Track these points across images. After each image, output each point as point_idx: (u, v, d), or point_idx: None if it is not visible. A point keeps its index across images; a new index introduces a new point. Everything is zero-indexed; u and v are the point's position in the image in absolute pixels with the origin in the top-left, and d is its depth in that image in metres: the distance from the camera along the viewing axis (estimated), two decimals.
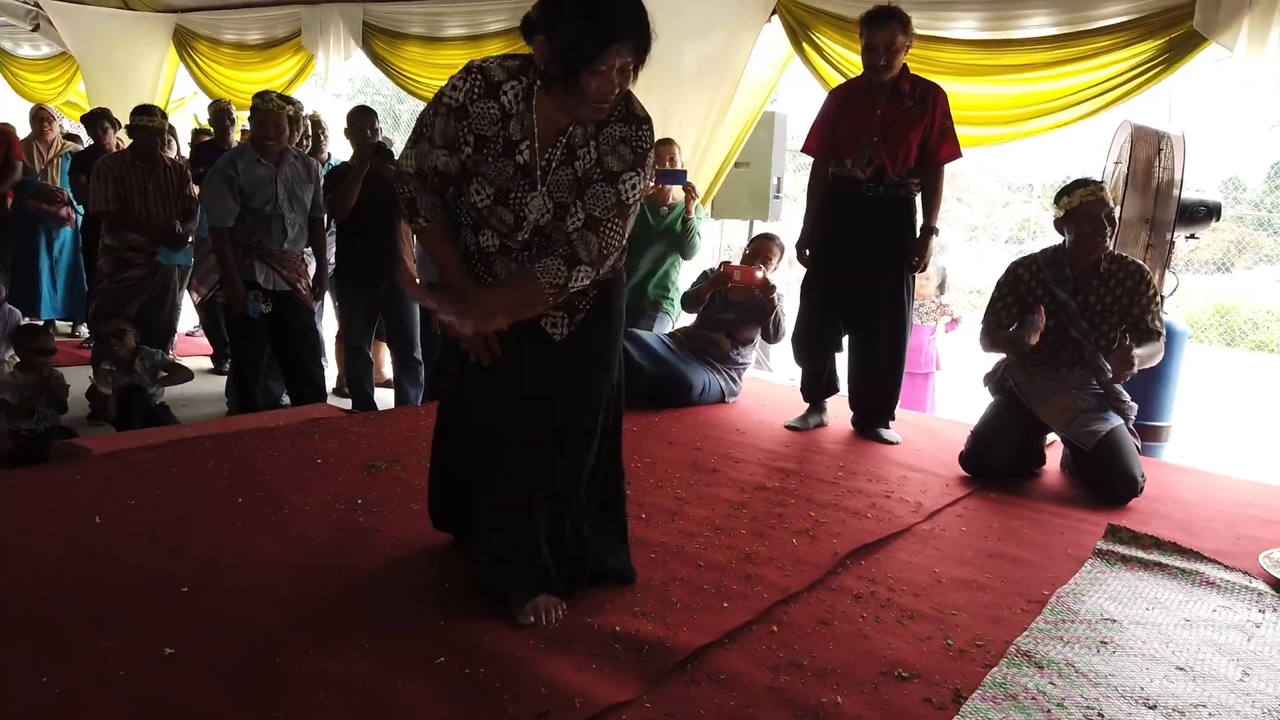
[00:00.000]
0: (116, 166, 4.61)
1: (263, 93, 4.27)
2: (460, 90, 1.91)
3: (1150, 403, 3.88)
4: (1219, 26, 3.94)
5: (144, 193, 4.64)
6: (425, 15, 6.32)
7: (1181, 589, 2.42)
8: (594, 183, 1.95)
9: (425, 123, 1.97)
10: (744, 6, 5.23)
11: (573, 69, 1.81)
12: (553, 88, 1.87)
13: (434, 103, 1.95)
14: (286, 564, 2.17)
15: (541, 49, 1.84)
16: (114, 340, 4.28)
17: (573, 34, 1.80)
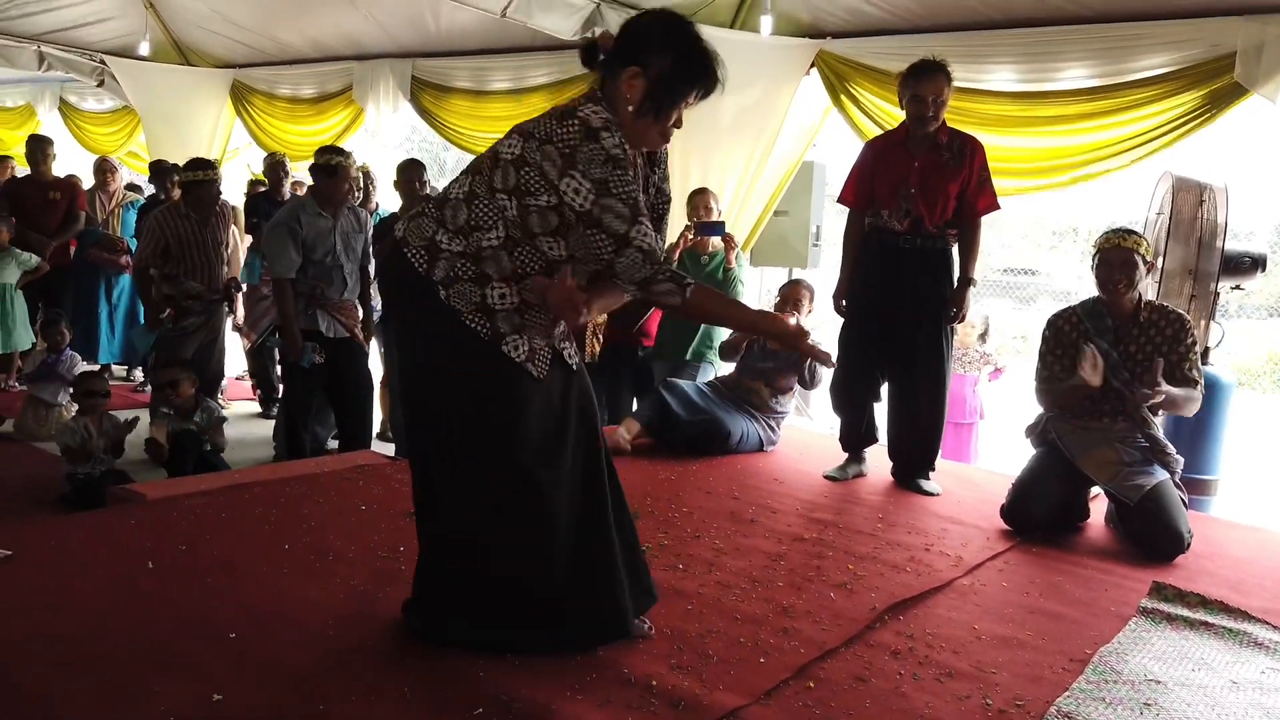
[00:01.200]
0: (169, 220, 4.69)
1: (330, 148, 4.40)
2: (619, 145, 1.90)
3: (1197, 455, 3.82)
4: (1260, 78, 3.93)
5: (198, 244, 4.78)
6: (471, 69, 6.50)
7: (1229, 649, 2.38)
8: (664, 214, 2.19)
9: (629, 194, 1.90)
10: (784, 60, 5.32)
11: (666, 101, 1.94)
12: (635, 119, 1.95)
13: (615, 167, 1.88)
14: (331, 611, 2.22)
15: (634, 80, 1.93)
16: (169, 390, 4.41)
17: (678, 75, 1.93)
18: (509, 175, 1.93)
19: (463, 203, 1.97)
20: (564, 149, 1.88)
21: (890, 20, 4.99)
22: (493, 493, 2.02)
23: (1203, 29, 4.12)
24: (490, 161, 1.98)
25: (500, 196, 1.94)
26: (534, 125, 1.95)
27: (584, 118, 1.88)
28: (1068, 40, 4.46)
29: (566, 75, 6.00)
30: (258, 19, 7.27)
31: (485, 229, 1.95)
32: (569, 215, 1.91)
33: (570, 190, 1.88)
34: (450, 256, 1.96)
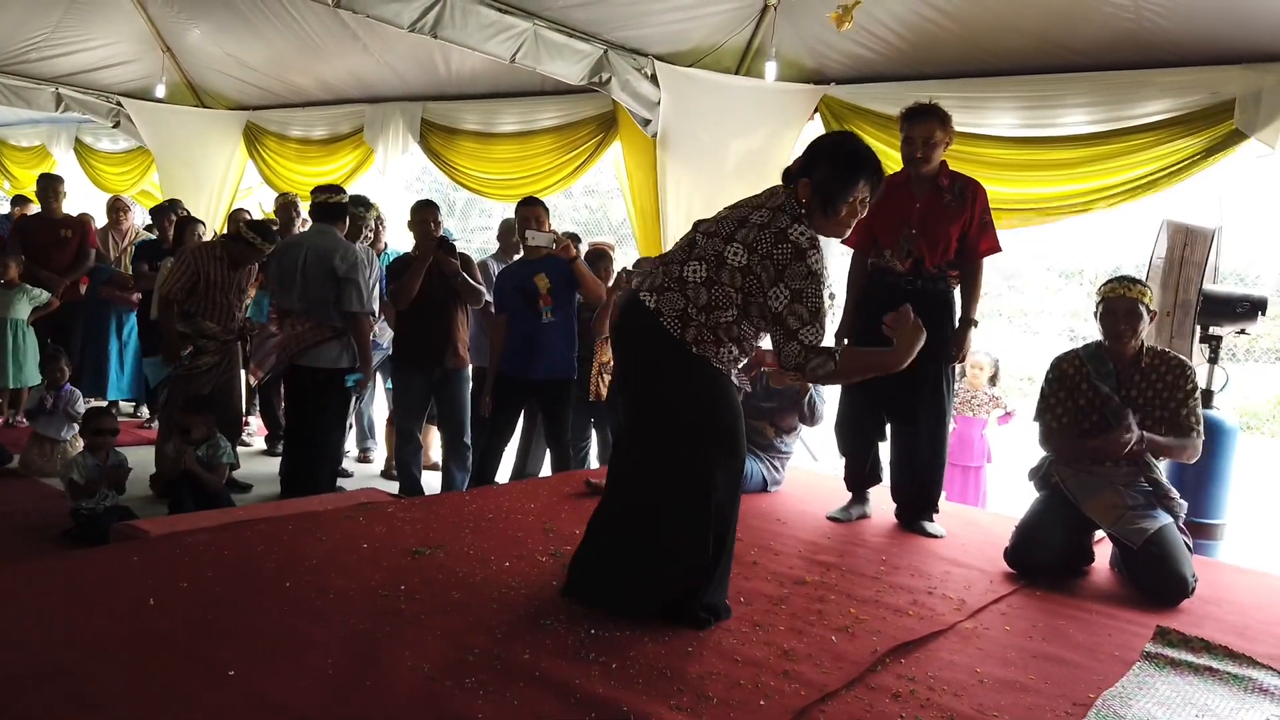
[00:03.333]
0: (203, 258, 4.74)
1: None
2: (819, 261, 2.45)
3: (1202, 499, 3.81)
4: (1259, 124, 3.99)
5: (223, 287, 4.82)
6: (479, 112, 6.61)
7: (1233, 695, 2.36)
8: None
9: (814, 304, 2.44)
10: (789, 105, 5.41)
11: (833, 201, 2.49)
12: (815, 217, 2.50)
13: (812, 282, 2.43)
14: (330, 650, 2.22)
15: (805, 189, 2.50)
16: (185, 435, 4.42)
17: (836, 175, 2.49)
18: (736, 278, 2.46)
19: (702, 287, 2.50)
20: (778, 265, 2.42)
21: (891, 67, 5.08)
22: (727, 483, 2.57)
23: (1202, 77, 4.19)
24: (715, 259, 2.49)
25: (729, 289, 2.48)
26: (756, 240, 2.44)
27: (795, 240, 2.42)
28: (1068, 87, 4.54)
29: (573, 119, 6.10)
30: (271, 62, 7.42)
31: (722, 309, 2.50)
32: (768, 314, 2.48)
33: (774, 296, 2.44)
34: (698, 326, 2.51)
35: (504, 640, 2.35)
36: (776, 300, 2.43)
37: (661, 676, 2.21)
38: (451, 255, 4.76)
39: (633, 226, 6.01)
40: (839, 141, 2.61)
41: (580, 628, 2.47)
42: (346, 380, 4.53)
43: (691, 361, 2.52)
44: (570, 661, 2.26)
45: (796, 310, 2.42)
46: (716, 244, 2.50)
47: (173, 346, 4.74)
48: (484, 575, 2.82)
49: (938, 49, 4.84)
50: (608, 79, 5.36)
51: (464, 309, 4.95)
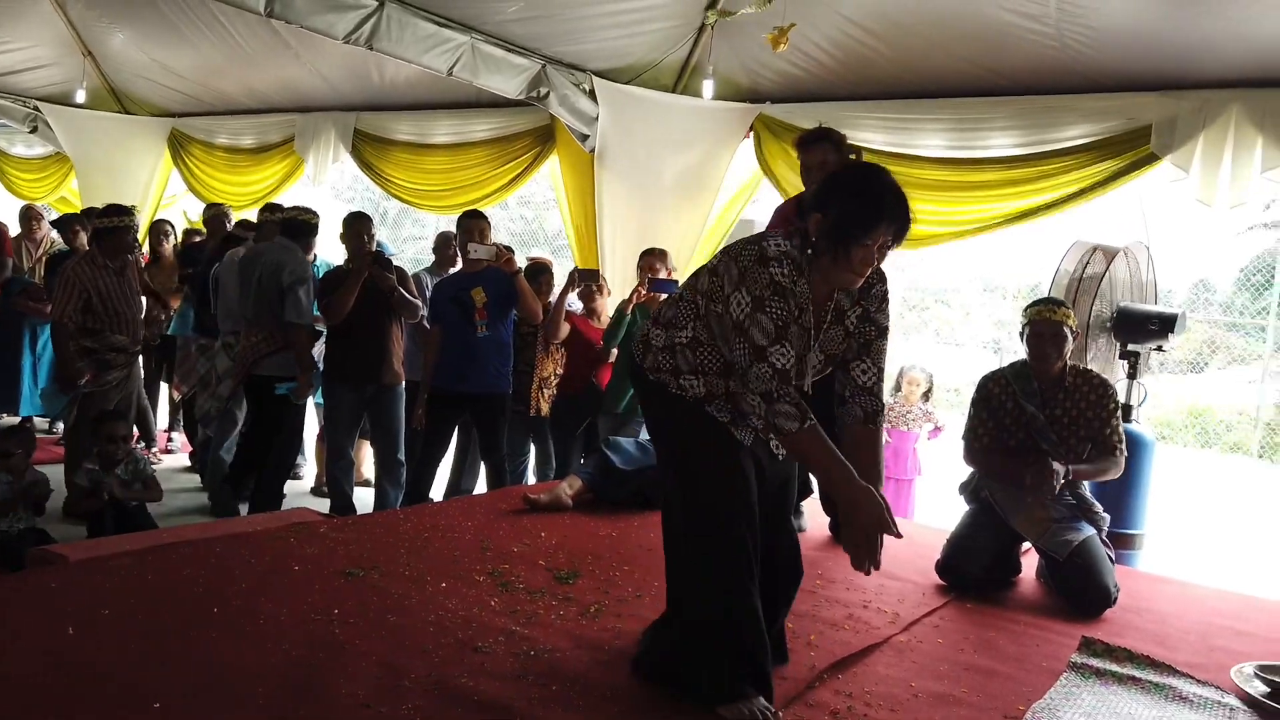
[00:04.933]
0: (86, 271, 4.57)
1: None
2: (785, 275, 2.12)
3: (1122, 511, 3.94)
4: (1174, 148, 4.16)
5: (120, 295, 4.68)
6: (413, 123, 6.54)
7: (1155, 704, 2.44)
8: (873, 340, 2.32)
9: (780, 318, 2.09)
10: (725, 122, 5.47)
11: (844, 242, 2.12)
12: (822, 258, 2.16)
13: (775, 293, 2.09)
14: (261, 678, 2.15)
15: (817, 225, 2.16)
16: (111, 445, 4.23)
17: (854, 214, 2.12)
18: (703, 279, 2.24)
19: (672, 302, 2.32)
20: (741, 265, 2.14)
21: (825, 88, 5.17)
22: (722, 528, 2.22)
23: (1121, 103, 4.36)
24: (702, 269, 2.29)
25: (699, 297, 2.24)
26: (735, 244, 2.23)
27: (763, 247, 2.15)
28: (995, 110, 4.67)
29: (509, 131, 6.08)
30: (198, 69, 7.24)
31: (679, 327, 2.26)
32: (728, 324, 2.15)
33: (735, 302, 2.13)
34: (655, 350, 2.30)
35: (441, 664, 2.31)
36: (738, 306, 2.11)
37: (603, 698, 2.20)
38: (387, 270, 4.70)
39: (569, 239, 6.01)
40: (863, 175, 2.25)
41: (519, 650, 2.44)
42: (277, 389, 4.56)
43: (650, 389, 2.33)
44: (510, 684, 2.24)
45: (761, 322, 2.08)
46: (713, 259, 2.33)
47: (70, 373, 4.56)
48: (419, 597, 2.77)
49: (870, 71, 4.94)
50: (546, 94, 5.36)
51: (399, 323, 4.88)
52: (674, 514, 2.33)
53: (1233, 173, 4.03)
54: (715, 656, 2.17)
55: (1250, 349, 13.27)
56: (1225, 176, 4.04)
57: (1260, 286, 15.19)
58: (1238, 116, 4.02)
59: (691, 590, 2.25)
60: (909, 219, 2.15)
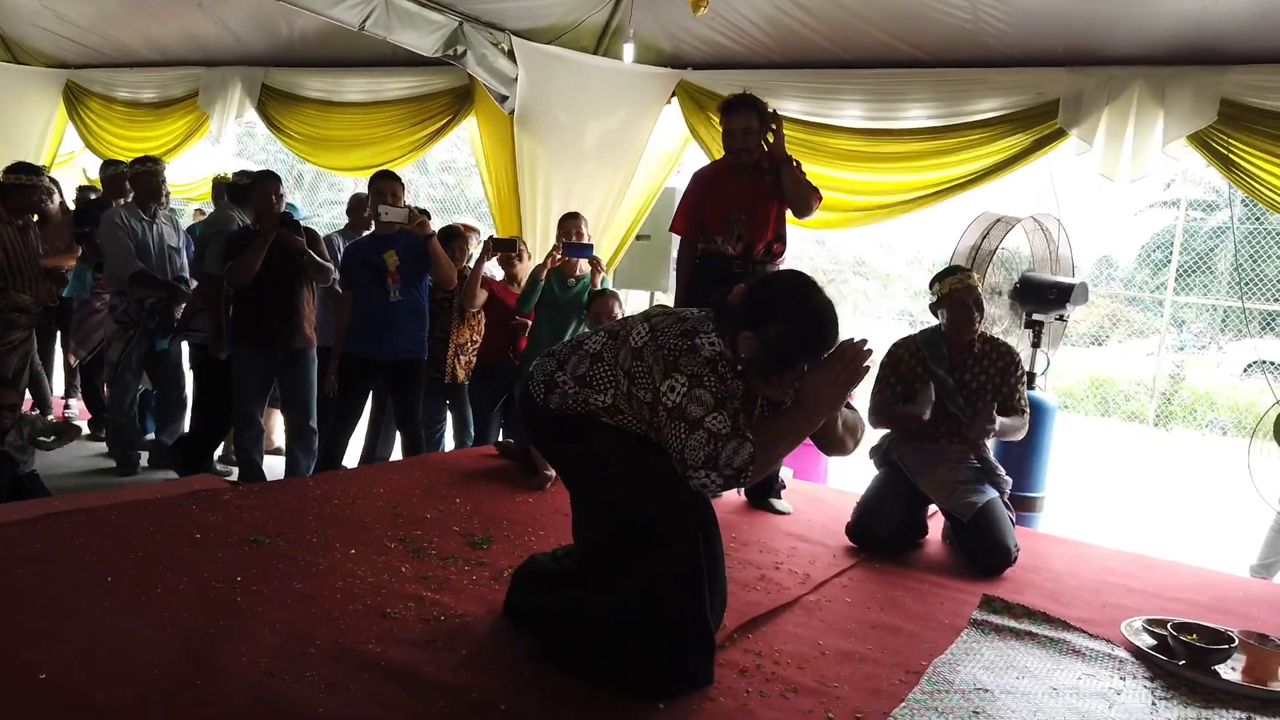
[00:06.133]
0: None
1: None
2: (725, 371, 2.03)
3: (1024, 475, 4.08)
4: (1079, 122, 4.27)
5: (25, 254, 4.49)
6: (324, 80, 6.33)
7: (1050, 657, 2.53)
8: None
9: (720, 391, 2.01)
10: (646, 88, 5.42)
11: (781, 368, 2.05)
12: (750, 372, 2.07)
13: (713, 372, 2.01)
14: (156, 647, 2.08)
15: (748, 345, 2.05)
16: (7, 412, 4.03)
17: (790, 343, 2.05)
18: (627, 358, 2.10)
19: (588, 358, 2.18)
20: (669, 357, 2.03)
21: (747, 55, 5.16)
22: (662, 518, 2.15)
23: (1031, 77, 4.45)
24: (624, 336, 2.15)
25: (619, 370, 2.12)
26: (667, 326, 2.09)
27: (696, 344, 2.03)
28: (912, 82, 4.73)
29: (425, 91, 5.93)
30: (96, 19, 6.86)
31: (598, 390, 2.16)
32: (661, 415, 2.02)
33: (668, 390, 2.01)
34: (562, 395, 2.19)
35: (348, 631, 2.27)
36: (672, 393, 1.99)
37: (510, 661, 2.18)
38: (296, 233, 4.55)
39: (490, 205, 5.90)
40: (802, 299, 2.09)
41: (429, 615, 2.41)
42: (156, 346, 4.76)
43: (559, 422, 2.22)
44: (418, 650, 2.20)
45: (698, 397, 1.97)
46: (631, 320, 2.20)
47: None
48: (327, 564, 2.71)
49: (791, 39, 4.95)
50: (463, 53, 5.23)
51: (310, 287, 4.74)
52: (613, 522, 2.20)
53: (1134, 147, 4.16)
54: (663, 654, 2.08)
55: (1149, 323, 13.86)
56: (1128, 151, 4.18)
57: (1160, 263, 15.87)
58: (1140, 93, 4.15)
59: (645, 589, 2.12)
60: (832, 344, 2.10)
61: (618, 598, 2.13)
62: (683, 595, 2.13)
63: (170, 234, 5.05)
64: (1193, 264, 14.98)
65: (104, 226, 4.85)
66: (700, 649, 2.15)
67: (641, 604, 2.11)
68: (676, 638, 2.11)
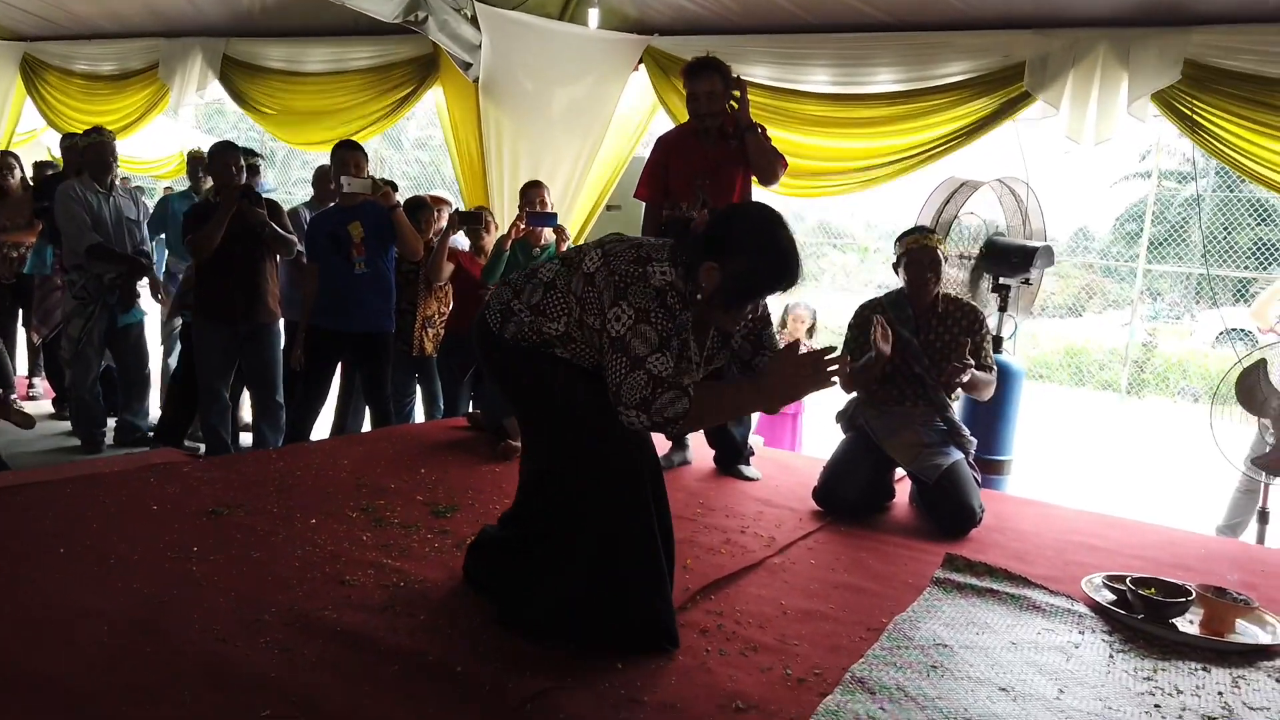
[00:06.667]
0: None
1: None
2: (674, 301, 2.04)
3: (991, 438, 4.09)
4: (1045, 85, 4.25)
5: None
6: (286, 49, 6.21)
7: (1010, 613, 2.54)
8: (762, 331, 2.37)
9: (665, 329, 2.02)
10: (613, 54, 5.35)
11: (742, 299, 2.09)
12: (709, 303, 2.09)
13: (654, 303, 2.02)
14: (105, 617, 2.05)
15: (710, 275, 2.06)
16: None
17: (754, 277, 2.07)
18: (579, 284, 2.10)
19: (542, 286, 2.16)
20: (619, 283, 2.04)
21: (713, 20, 5.10)
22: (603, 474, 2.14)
23: (997, 40, 4.42)
24: (578, 261, 2.14)
25: (571, 297, 2.12)
26: (621, 252, 2.09)
27: (648, 273, 2.04)
28: (878, 46, 4.69)
29: (389, 59, 5.83)
30: None
31: (551, 317, 2.14)
32: (604, 342, 2.05)
33: (614, 317, 2.03)
34: (519, 323, 2.17)
35: (304, 598, 2.25)
36: (617, 321, 2.01)
37: (469, 625, 2.17)
38: (257, 205, 4.48)
39: (457, 175, 5.83)
40: (768, 235, 2.09)
41: (388, 582, 2.39)
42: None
43: (511, 352, 2.20)
44: (375, 615, 2.19)
45: (643, 333, 1.99)
46: (585, 248, 2.19)
47: None
48: (286, 533, 2.68)
49: (757, 3, 4.88)
50: (424, 18, 5.12)
51: (273, 260, 4.68)
52: (565, 473, 2.18)
53: (1099, 109, 4.15)
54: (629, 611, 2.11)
55: (1124, 294, 13.97)
56: (1092, 113, 4.16)
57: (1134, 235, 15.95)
58: (1105, 54, 4.13)
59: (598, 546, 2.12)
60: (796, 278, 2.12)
61: (576, 550, 2.13)
62: (639, 547, 2.13)
63: (128, 206, 4.96)
64: (1167, 234, 15.09)
65: (58, 200, 4.76)
66: (662, 597, 2.16)
67: (601, 556, 2.12)
68: (639, 585, 2.13)
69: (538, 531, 2.23)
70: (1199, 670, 2.28)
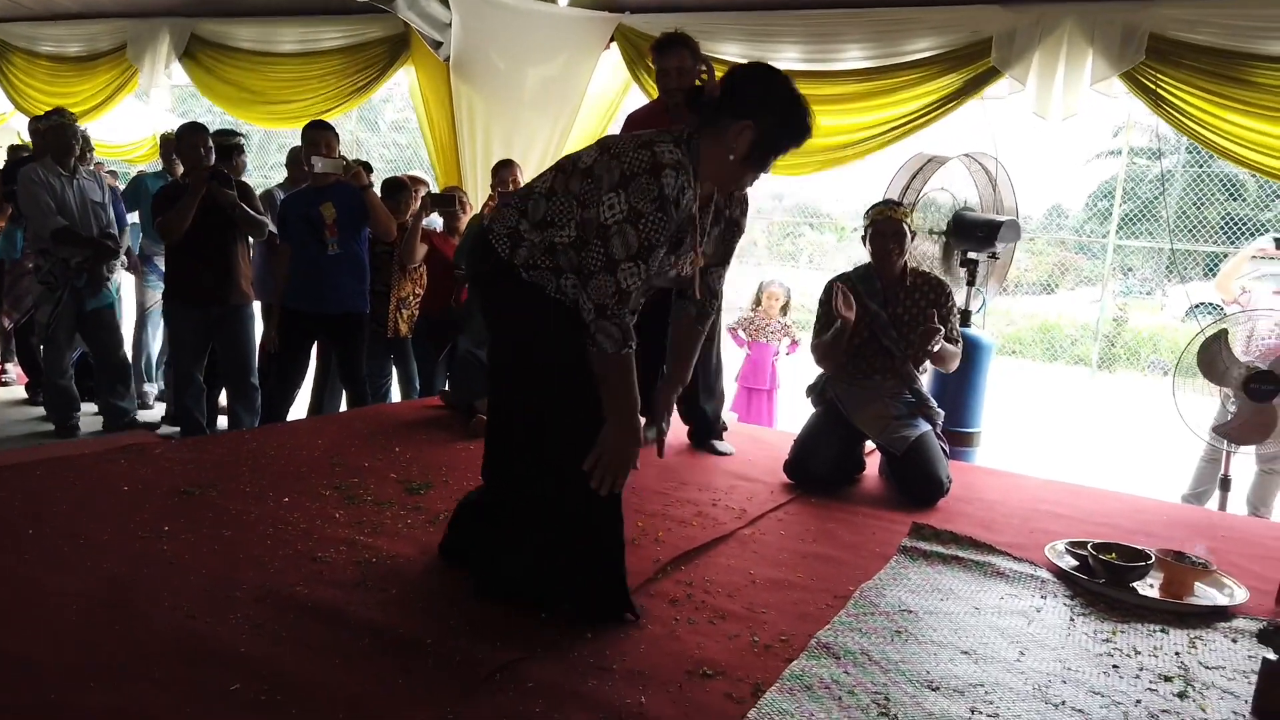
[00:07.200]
0: None
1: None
2: (674, 187, 1.97)
3: (960, 410, 4.14)
4: (1012, 61, 4.29)
5: None
6: (257, 30, 6.15)
7: (974, 580, 2.59)
8: (732, 241, 2.35)
9: (649, 236, 1.97)
10: (584, 32, 5.34)
11: (772, 154, 2.11)
12: (729, 162, 2.09)
13: (659, 209, 1.96)
14: (74, 597, 2.05)
15: (744, 134, 2.05)
16: None
17: (785, 131, 2.10)
18: (576, 181, 2.05)
19: (543, 198, 2.09)
20: (627, 170, 1.97)
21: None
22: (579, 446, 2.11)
23: (965, 15, 4.45)
24: (571, 164, 2.09)
25: (570, 200, 2.05)
26: (616, 141, 2.07)
27: (656, 153, 1.97)
28: (848, 23, 4.70)
29: (361, 39, 5.79)
30: None
31: (559, 226, 2.06)
32: (591, 227, 2.00)
33: (606, 205, 1.97)
34: (530, 246, 2.09)
35: (275, 575, 2.26)
36: (610, 210, 1.95)
37: (441, 599, 2.19)
38: (226, 187, 4.45)
39: (430, 156, 5.81)
40: (790, 91, 2.12)
41: (360, 558, 2.41)
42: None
43: (521, 288, 2.10)
44: (347, 591, 2.20)
45: (627, 235, 1.95)
46: (581, 150, 2.14)
47: None
48: (258, 512, 2.69)
49: None
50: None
51: (245, 242, 4.65)
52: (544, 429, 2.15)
53: (1065, 85, 4.19)
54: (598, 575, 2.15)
55: (1097, 270, 14.09)
56: (1059, 89, 4.20)
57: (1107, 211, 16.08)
58: (1071, 30, 4.17)
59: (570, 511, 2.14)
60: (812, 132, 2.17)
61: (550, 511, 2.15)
62: (612, 511, 2.16)
63: (93, 189, 4.91)
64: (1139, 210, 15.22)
65: (20, 185, 4.70)
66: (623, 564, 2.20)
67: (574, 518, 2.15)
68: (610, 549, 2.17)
69: (510, 492, 2.23)
70: (1157, 632, 2.34)
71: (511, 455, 2.21)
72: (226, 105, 6.39)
